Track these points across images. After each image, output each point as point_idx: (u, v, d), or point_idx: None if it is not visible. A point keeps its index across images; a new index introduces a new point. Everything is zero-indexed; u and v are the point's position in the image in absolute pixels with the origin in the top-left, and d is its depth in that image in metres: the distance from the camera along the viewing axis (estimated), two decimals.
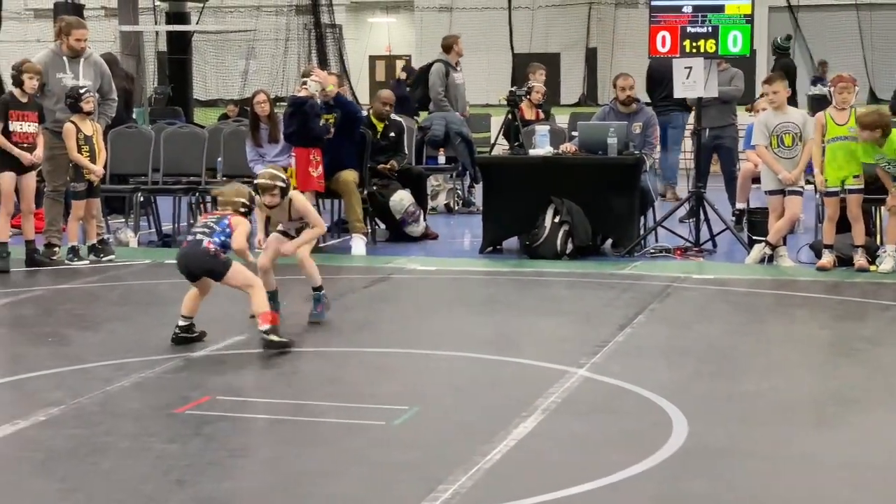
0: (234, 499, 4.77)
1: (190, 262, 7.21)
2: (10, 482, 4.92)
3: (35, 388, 6.40)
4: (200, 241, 7.14)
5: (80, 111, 10.37)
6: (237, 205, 7.33)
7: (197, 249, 7.15)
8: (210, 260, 7.13)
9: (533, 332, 8.00)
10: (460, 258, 11.19)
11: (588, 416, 5.90)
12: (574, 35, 36.34)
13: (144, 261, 10.82)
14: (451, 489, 4.77)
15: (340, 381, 6.67)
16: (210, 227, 7.19)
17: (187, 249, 7.22)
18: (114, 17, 23.98)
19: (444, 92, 14.32)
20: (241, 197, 7.38)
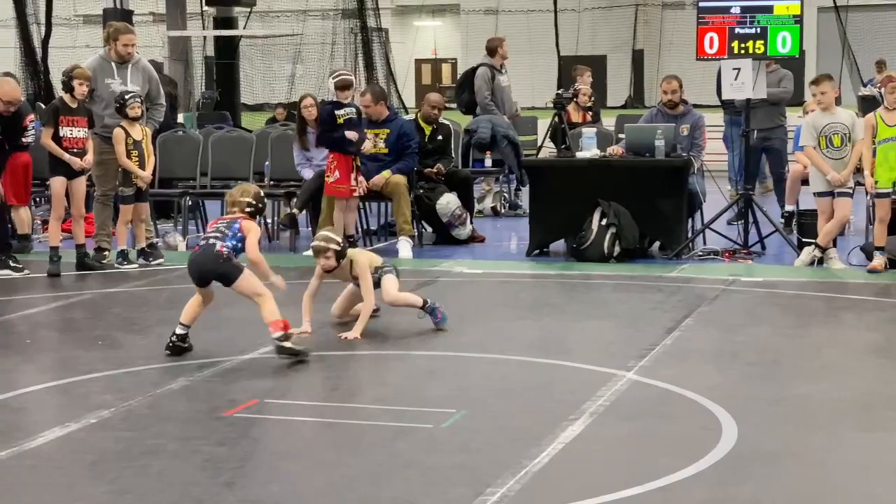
0: (283, 502, 4.78)
1: (203, 266, 7.14)
2: (62, 484, 4.96)
3: (85, 391, 6.45)
4: (213, 244, 7.08)
5: (126, 116, 10.45)
6: (242, 205, 7.27)
7: (210, 253, 7.08)
8: (224, 264, 7.07)
9: (580, 335, 7.98)
10: (507, 261, 11.18)
11: (636, 420, 5.87)
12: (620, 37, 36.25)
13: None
14: (499, 492, 4.76)
15: (388, 385, 6.67)
16: (222, 232, 7.13)
17: (200, 254, 7.16)
18: (162, 22, 24.15)
19: (490, 96, 14.31)
20: (246, 196, 7.30)
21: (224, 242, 7.08)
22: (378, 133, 11.64)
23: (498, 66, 14.53)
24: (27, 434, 5.60)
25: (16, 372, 7.02)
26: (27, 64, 20.01)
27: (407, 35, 39.92)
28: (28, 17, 20.68)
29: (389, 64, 22.23)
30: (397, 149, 11.58)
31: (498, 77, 14.48)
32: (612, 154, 11.29)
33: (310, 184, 11.65)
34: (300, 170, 11.92)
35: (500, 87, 14.48)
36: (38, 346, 7.72)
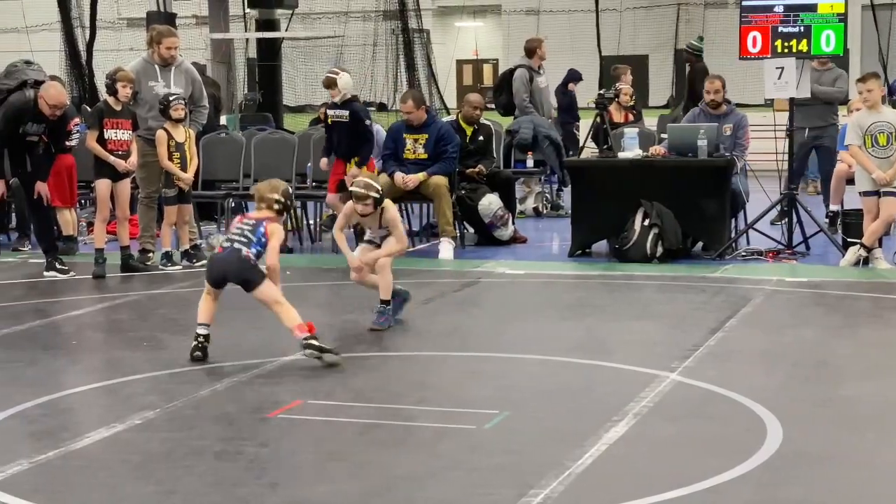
0: (328, 503, 4.80)
1: (227, 269, 7.09)
2: (109, 485, 5.00)
3: (131, 392, 6.50)
4: (239, 249, 7.03)
5: (170, 118, 10.51)
6: (271, 202, 7.18)
7: (236, 257, 7.04)
8: (249, 269, 7.03)
9: (623, 335, 7.95)
10: (549, 262, 11.16)
11: (680, 421, 5.84)
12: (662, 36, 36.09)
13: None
14: (542, 493, 4.76)
15: (431, 386, 6.68)
16: (247, 237, 7.07)
17: (225, 256, 7.10)
18: (205, 25, 24.27)
19: (528, 98, 14.30)
20: (275, 193, 7.21)
21: (249, 249, 7.06)
22: (417, 138, 11.64)
23: (536, 68, 14.51)
24: (74, 434, 5.65)
25: (62, 373, 7.08)
26: (72, 67, 20.15)
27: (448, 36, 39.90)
28: (73, 20, 20.83)
29: (431, 65, 22.21)
30: (436, 153, 11.58)
31: (536, 78, 14.46)
32: (654, 154, 11.24)
33: None
34: None
35: (538, 89, 14.46)
36: (85, 347, 7.78)
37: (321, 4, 32.21)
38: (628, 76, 15.66)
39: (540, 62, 14.58)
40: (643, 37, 36.40)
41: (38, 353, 7.46)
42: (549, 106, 14.73)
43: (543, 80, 14.60)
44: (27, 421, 5.97)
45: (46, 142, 10.27)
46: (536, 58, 14.51)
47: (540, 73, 14.55)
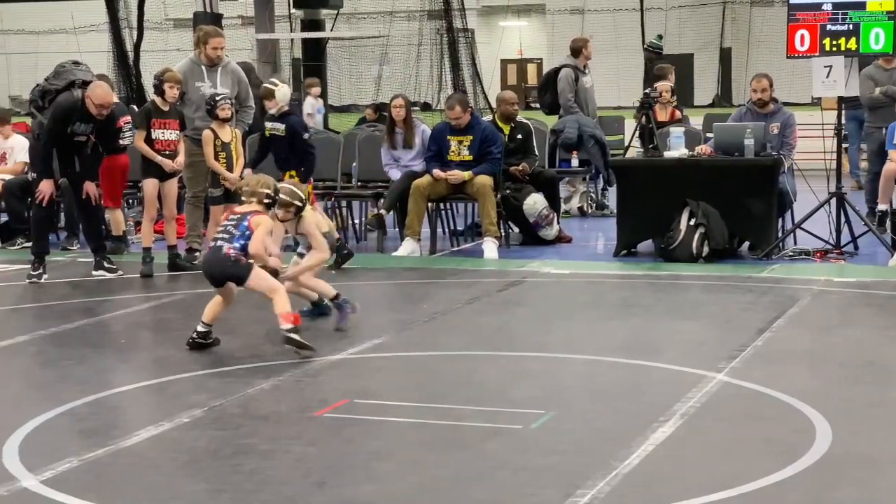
0: (375, 502, 4.80)
1: (212, 268, 7.31)
2: (158, 483, 5.03)
3: (178, 391, 6.54)
4: (221, 247, 7.19)
5: (216, 118, 10.58)
6: (262, 196, 7.33)
7: (218, 256, 7.21)
8: (231, 266, 7.19)
9: (670, 335, 7.91)
10: (594, 261, 11.13)
11: (728, 422, 5.81)
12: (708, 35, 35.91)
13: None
14: (589, 494, 4.75)
15: (476, 385, 6.67)
16: (230, 233, 7.21)
17: (209, 256, 7.35)
18: (250, 25, 24.39)
19: (573, 97, 14.27)
20: (265, 188, 7.37)
21: (231, 244, 7.18)
22: (462, 139, 11.64)
23: (581, 67, 14.47)
24: (123, 432, 5.69)
25: (111, 371, 7.14)
26: (119, 67, 20.32)
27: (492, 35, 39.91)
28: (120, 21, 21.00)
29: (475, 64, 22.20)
30: (481, 154, 11.57)
31: (581, 78, 14.42)
32: (700, 153, 11.19)
33: (397, 184, 11.70)
34: (388, 170, 11.98)
35: (583, 88, 14.42)
36: (133, 345, 7.84)
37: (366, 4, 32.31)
38: (672, 76, 15.58)
39: (586, 62, 14.54)
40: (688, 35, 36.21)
41: (87, 352, 7.52)
42: (594, 105, 14.68)
43: (589, 79, 14.56)
44: (77, 419, 6.02)
45: (94, 142, 10.35)
46: (582, 57, 14.47)
47: (586, 72, 14.51)
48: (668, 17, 35.75)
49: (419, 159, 11.81)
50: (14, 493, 4.86)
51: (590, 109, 14.47)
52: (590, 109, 14.47)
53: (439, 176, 11.40)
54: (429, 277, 10.36)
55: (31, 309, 9.15)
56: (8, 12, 39.38)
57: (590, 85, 14.58)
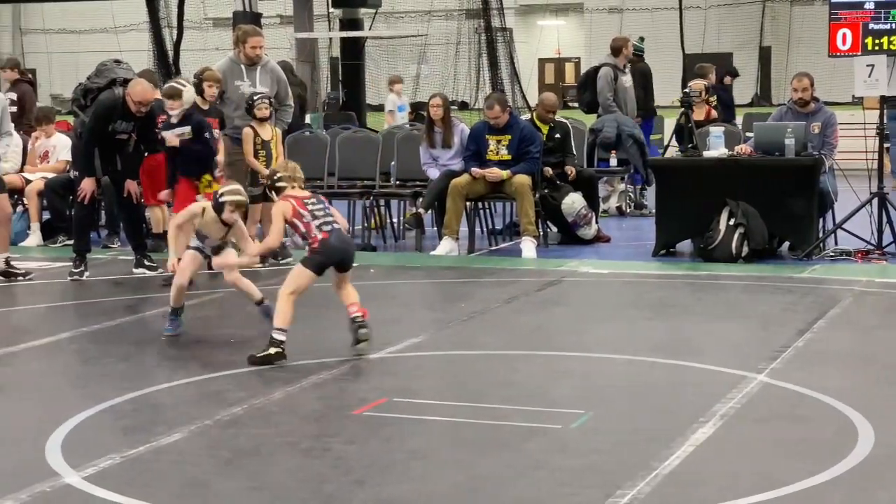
0: (415, 501, 4.81)
1: (348, 248, 7.24)
2: (199, 480, 5.06)
3: (219, 388, 6.57)
4: (340, 229, 7.15)
5: (254, 117, 10.61)
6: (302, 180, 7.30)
7: (347, 238, 7.28)
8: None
9: (709, 336, 7.88)
10: (633, 261, 11.09)
11: (769, 423, 5.78)
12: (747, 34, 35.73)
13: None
14: (629, 494, 4.74)
15: (515, 385, 6.67)
16: (331, 215, 7.19)
17: (342, 238, 7.16)
18: (289, 24, 24.48)
19: (612, 97, 14.23)
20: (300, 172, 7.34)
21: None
22: (500, 139, 11.64)
23: (621, 66, 14.43)
24: (164, 430, 5.73)
25: (152, 368, 7.18)
26: (159, 66, 20.44)
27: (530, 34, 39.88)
28: (161, 20, 21.14)
29: (514, 64, 22.18)
30: (519, 154, 11.57)
31: (621, 77, 14.38)
32: (740, 153, 11.13)
33: (436, 183, 11.70)
34: (426, 169, 11.98)
35: (622, 88, 14.39)
36: (173, 343, 7.87)
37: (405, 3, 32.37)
38: (712, 76, 15.51)
39: (625, 61, 14.50)
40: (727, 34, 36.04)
41: (129, 349, 7.57)
42: (633, 105, 14.64)
43: (628, 79, 14.52)
44: (118, 416, 6.06)
45: (136, 140, 10.41)
46: (622, 56, 14.43)
47: (625, 71, 14.47)
48: (707, 16, 35.61)
49: (458, 158, 11.82)
50: (57, 490, 4.90)
51: (629, 109, 14.43)
52: (629, 109, 14.43)
53: (478, 173, 11.40)
54: (467, 277, 10.36)
55: (72, 306, 9.23)
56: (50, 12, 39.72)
57: (629, 84, 14.54)
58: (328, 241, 7.02)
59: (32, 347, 7.72)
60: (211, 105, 10.52)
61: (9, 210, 10.61)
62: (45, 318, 8.94)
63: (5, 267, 10.21)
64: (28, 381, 6.95)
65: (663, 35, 32.29)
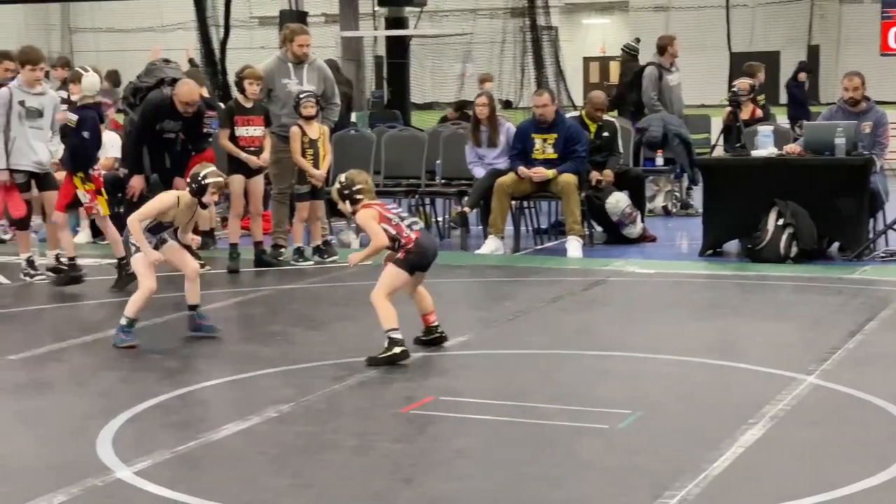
0: (461, 500, 4.81)
1: (437, 249, 7.33)
2: (247, 476, 5.08)
3: (265, 386, 6.60)
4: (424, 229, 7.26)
5: (301, 115, 10.65)
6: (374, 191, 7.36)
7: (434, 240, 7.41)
8: None
9: (758, 336, 7.83)
10: (679, 261, 11.04)
11: (819, 425, 5.73)
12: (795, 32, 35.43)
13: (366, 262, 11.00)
14: (678, 496, 4.71)
15: (561, 384, 6.65)
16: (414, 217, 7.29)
17: (433, 238, 7.34)
18: (335, 23, 24.51)
19: (656, 96, 14.17)
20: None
21: None
22: (546, 137, 11.61)
23: (667, 65, 14.36)
24: (211, 426, 5.76)
25: (200, 365, 7.23)
26: (206, 65, 20.52)
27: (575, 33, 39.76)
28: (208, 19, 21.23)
29: (559, 62, 22.10)
30: (565, 152, 11.54)
31: (666, 76, 14.31)
32: (789, 152, 11.04)
33: (481, 182, 11.69)
34: (472, 168, 11.98)
35: (667, 87, 14.31)
36: (220, 340, 7.91)
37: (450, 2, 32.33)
38: (761, 75, 15.40)
39: (672, 59, 14.43)
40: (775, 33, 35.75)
41: (177, 346, 7.62)
42: (680, 104, 14.56)
43: (675, 77, 14.44)
44: (168, 412, 6.10)
45: (183, 139, 10.47)
46: (668, 55, 14.36)
47: (671, 70, 14.40)
48: (754, 15, 35.35)
49: (503, 157, 11.80)
50: (108, 484, 4.93)
51: (675, 108, 14.35)
52: (675, 108, 14.35)
53: (524, 174, 11.38)
54: (512, 275, 10.35)
55: (121, 303, 9.25)
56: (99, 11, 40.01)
57: (675, 83, 14.46)
58: (421, 241, 7.11)
59: (82, 343, 7.79)
60: (255, 103, 10.56)
61: None
62: (95, 314, 9.02)
63: (56, 263, 10.30)
64: (78, 377, 7.01)
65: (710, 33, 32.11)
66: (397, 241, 7.08)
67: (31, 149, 10.03)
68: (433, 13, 31.89)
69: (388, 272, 7.10)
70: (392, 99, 22.30)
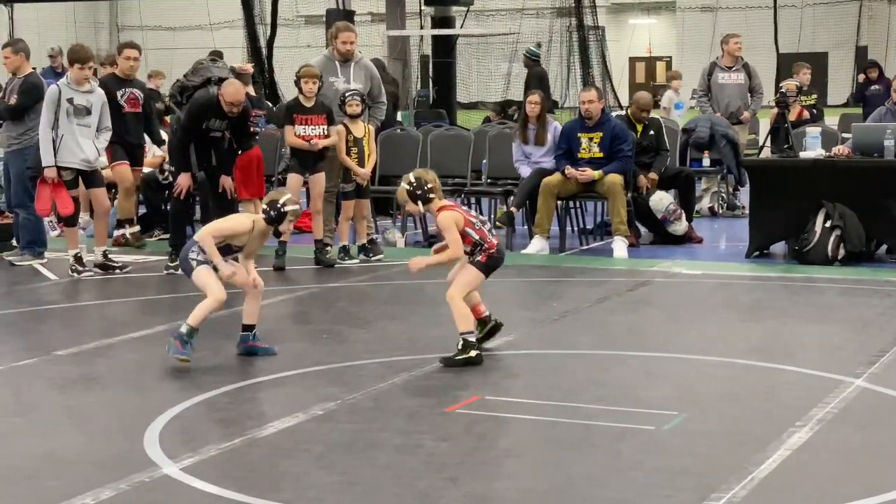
0: (508, 499, 4.81)
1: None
2: (293, 473, 5.10)
3: (313, 383, 6.62)
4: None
5: (346, 114, 10.69)
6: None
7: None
8: None
9: (805, 339, 7.78)
10: (726, 262, 10.98)
11: (867, 429, 5.69)
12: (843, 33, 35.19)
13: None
14: (724, 497, 4.69)
15: (607, 385, 6.64)
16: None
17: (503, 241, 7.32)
18: (381, 22, 24.60)
19: (702, 93, 14.11)
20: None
21: None
22: (592, 136, 11.58)
23: (723, 64, 14.26)
24: (258, 423, 5.79)
25: (246, 362, 7.25)
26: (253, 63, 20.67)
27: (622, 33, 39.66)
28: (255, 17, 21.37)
29: (605, 62, 22.07)
30: (611, 152, 11.51)
31: (717, 74, 14.22)
32: (837, 154, 10.96)
33: (527, 182, 11.68)
34: (518, 166, 11.96)
35: (717, 84, 14.23)
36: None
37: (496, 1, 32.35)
38: (802, 74, 15.29)
39: (731, 58, 14.30)
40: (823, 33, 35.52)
41: (223, 343, 7.64)
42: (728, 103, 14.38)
43: (727, 76, 14.29)
44: (214, 408, 6.14)
45: (230, 139, 10.54)
46: (726, 54, 14.29)
47: (727, 69, 14.25)
48: (802, 15, 35.14)
49: (550, 156, 11.78)
50: (156, 480, 4.98)
51: (721, 106, 14.22)
52: (721, 106, 14.22)
53: (571, 174, 11.36)
54: (558, 276, 10.33)
55: (168, 300, 9.35)
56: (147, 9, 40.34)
57: (727, 82, 14.31)
58: (500, 246, 7.21)
59: (129, 340, 7.86)
60: (317, 101, 10.61)
61: (107, 204, 10.80)
62: (142, 311, 9.09)
63: (103, 260, 10.39)
64: (125, 373, 7.06)
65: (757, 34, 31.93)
66: (480, 246, 7.08)
67: (79, 146, 10.15)
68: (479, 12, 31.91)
69: (469, 273, 7.09)
70: (438, 98, 22.33)
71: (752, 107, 14.40)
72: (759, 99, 14.52)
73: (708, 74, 14.21)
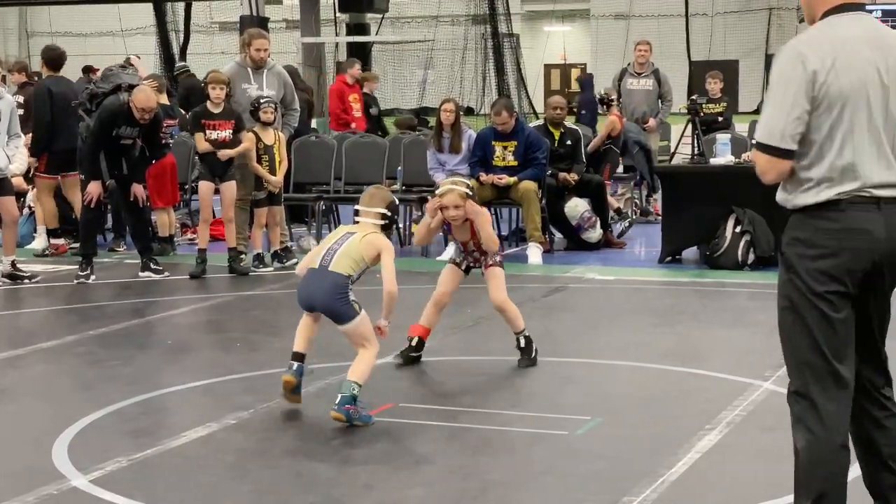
0: None
1: None
2: (206, 483, 5.07)
3: (225, 392, 6.57)
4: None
5: (259, 121, 10.64)
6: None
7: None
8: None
9: (715, 343, 7.89)
10: (639, 267, 11.10)
11: (774, 430, 5.75)
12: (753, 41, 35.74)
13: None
14: (635, 501, 4.74)
15: (521, 390, 6.68)
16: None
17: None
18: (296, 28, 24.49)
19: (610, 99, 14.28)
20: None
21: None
22: (506, 145, 11.64)
23: (633, 70, 14.43)
24: (171, 433, 5.74)
25: (158, 372, 7.18)
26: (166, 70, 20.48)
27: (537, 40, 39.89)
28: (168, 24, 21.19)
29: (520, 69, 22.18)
30: (525, 160, 11.57)
31: (627, 80, 14.38)
32: (747, 160, 11.12)
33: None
34: (433, 174, 11.97)
35: (626, 90, 14.39)
36: (179, 346, 7.89)
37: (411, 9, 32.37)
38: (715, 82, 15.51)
39: (639, 64, 14.46)
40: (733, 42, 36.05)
41: (135, 352, 7.58)
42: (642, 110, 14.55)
43: (636, 82, 14.46)
44: (125, 419, 6.07)
45: (141, 146, 10.44)
46: (635, 61, 14.45)
47: (636, 75, 14.40)
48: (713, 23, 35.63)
49: (465, 164, 11.81)
50: (64, 492, 4.91)
51: (628, 112, 14.34)
52: (628, 112, 14.34)
53: (486, 179, 11.40)
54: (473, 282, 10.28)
55: (79, 309, 9.23)
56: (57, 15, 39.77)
57: (635, 88, 14.47)
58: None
59: (39, 350, 7.74)
60: (225, 107, 10.52)
61: (16, 213, 10.63)
62: (52, 322, 8.95)
63: (12, 270, 10.23)
64: (34, 384, 6.96)
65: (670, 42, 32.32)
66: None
67: None
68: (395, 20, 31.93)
69: (500, 274, 7.26)
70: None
71: (660, 114, 14.58)
72: (668, 106, 14.71)
73: (619, 80, 14.35)
